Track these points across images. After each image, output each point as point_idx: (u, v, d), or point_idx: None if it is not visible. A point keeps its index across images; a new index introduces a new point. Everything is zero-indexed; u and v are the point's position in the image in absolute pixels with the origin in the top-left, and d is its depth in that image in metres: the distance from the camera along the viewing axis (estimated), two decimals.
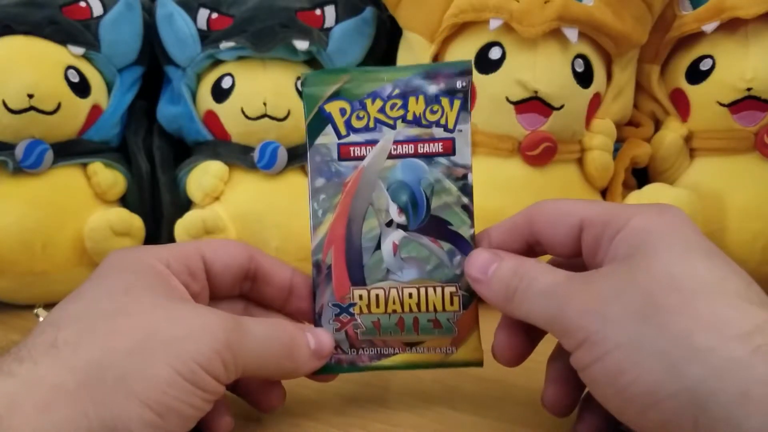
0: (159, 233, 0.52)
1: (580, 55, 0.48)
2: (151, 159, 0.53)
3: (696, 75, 0.50)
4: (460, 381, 0.34)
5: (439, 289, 0.32)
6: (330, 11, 0.52)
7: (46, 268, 0.48)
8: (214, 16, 0.52)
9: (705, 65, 0.49)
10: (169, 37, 0.52)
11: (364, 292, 0.32)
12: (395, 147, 0.32)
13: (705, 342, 0.23)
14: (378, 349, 0.33)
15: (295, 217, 0.49)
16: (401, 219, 0.32)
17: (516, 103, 0.47)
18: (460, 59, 0.45)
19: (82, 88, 0.49)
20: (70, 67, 0.48)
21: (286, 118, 0.50)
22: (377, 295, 0.32)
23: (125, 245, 0.48)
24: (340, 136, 0.32)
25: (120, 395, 0.25)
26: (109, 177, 0.50)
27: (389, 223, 0.32)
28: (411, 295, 0.32)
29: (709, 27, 0.48)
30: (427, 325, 0.32)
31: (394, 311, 0.32)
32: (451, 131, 0.32)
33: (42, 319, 0.29)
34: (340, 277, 0.32)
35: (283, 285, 0.34)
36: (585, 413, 0.31)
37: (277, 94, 0.50)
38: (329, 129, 0.32)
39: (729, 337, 0.23)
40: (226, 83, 0.50)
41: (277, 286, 0.34)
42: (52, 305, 0.30)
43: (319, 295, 0.33)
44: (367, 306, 0.32)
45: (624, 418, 0.26)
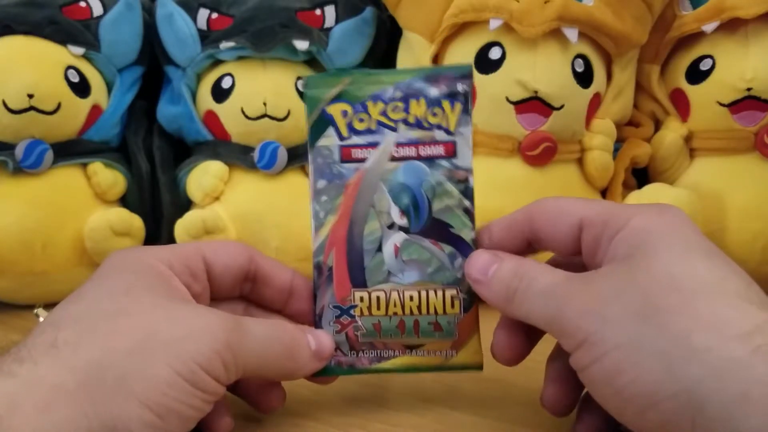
0: (159, 233, 0.52)
1: (580, 55, 0.48)
2: (151, 159, 0.53)
3: (696, 75, 0.50)
4: (460, 381, 0.34)
5: (440, 292, 0.32)
6: (330, 11, 0.52)
7: (46, 268, 0.48)
8: (214, 16, 0.52)
9: (705, 65, 0.49)
10: (169, 37, 0.52)
11: (365, 294, 0.32)
12: (397, 149, 0.32)
13: (704, 342, 0.23)
14: (378, 351, 0.33)
15: (295, 217, 0.49)
16: (403, 221, 0.32)
17: (516, 103, 0.47)
18: (462, 63, 0.45)
19: (82, 88, 0.49)
20: (70, 67, 0.48)
21: (286, 118, 0.50)
22: (378, 297, 0.32)
23: (125, 245, 0.48)
24: (341, 138, 0.32)
25: (120, 396, 0.25)
26: (109, 177, 0.50)
27: (391, 226, 0.32)
28: (412, 298, 0.32)
29: (709, 27, 0.48)
30: (428, 327, 0.32)
31: (395, 314, 0.32)
32: (453, 134, 0.32)
33: (42, 320, 0.29)
34: (341, 278, 0.32)
35: (283, 287, 0.34)
36: (584, 413, 0.31)
37: (277, 94, 0.50)
38: (331, 131, 0.32)
39: (728, 338, 0.23)
40: (226, 83, 0.50)
41: (278, 288, 0.34)
42: (52, 305, 0.30)
43: (320, 297, 0.33)
44: (368, 308, 0.32)
45: (623, 419, 0.26)
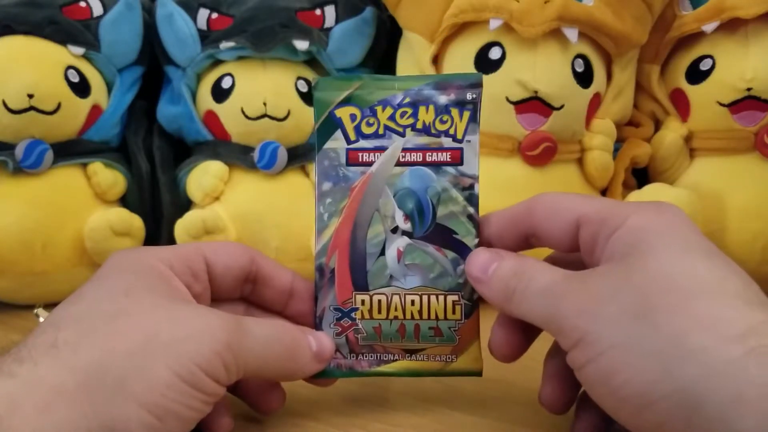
0: (159, 233, 0.52)
1: (580, 55, 0.48)
2: (151, 159, 0.53)
3: (696, 75, 0.50)
4: (460, 381, 0.34)
5: (441, 297, 0.32)
6: (330, 11, 0.52)
7: (46, 268, 0.48)
8: (214, 16, 0.52)
9: (705, 65, 0.49)
10: (169, 37, 0.52)
11: (366, 298, 0.32)
12: (404, 154, 0.32)
13: (699, 342, 0.23)
14: (378, 355, 0.33)
15: (295, 217, 0.49)
16: (407, 226, 0.32)
17: (516, 103, 0.47)
18: (471, 72, 0.45)
19: (82, 88, 0.49)
20: (70, 67, 0.48)
21: (286, 118, 0.50)
22: (379, 301, 0.32)
23: (125, 245, 0.48)
24: (349, 141, 0.32)
25: (119, 397, 0.25)
26: (109, 177, 0.50)
27: (394, 230, 0.32)
28: (413, 302, 0.32)
29: (709, 27, 0.48)
30: (428, 332, 0.32)
31: (396, 317, 0.32)
32: (460, 141, 0.32)
33: (42, 320, 0.29)
34: (343, 281, 0.32)
35: (283, 288, 0.34)
36: (582, 412, 0.31)
37: (277, 94, 0.50)
38: (339, 134, 0.32)
39: (723, 338, 0.23)
40: (226, 83, 0.50)
41: (278, 289, 0.34)
42: (52, 305, 0.30)
43: (321, 299, 0.33)
44: (369, 311, 0.32)
45: (619, 418, 0.26)
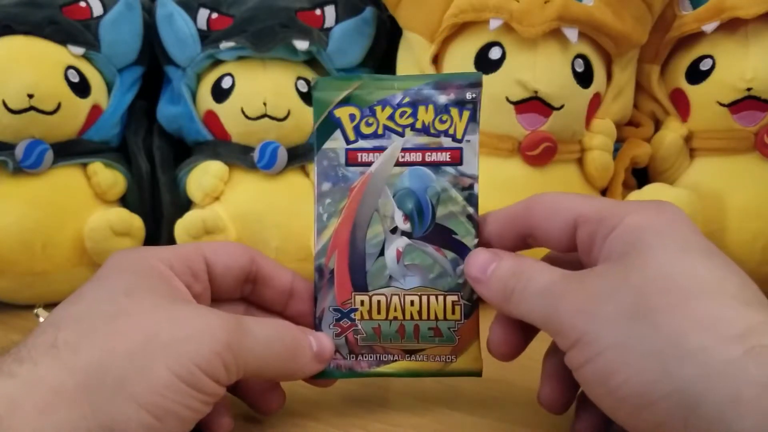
0: (159, 233, 0.52)
1: (580, 55, 0.48)
2: (151, 159, 0.53)
3: (696, 75, 0.50)
4: (460, 381, 0.34)
5: (441, 298, 0.32)
6: (330, 11, 0.52)
7: (46, 268, 0.48)
8: (214, 16, 0.52)
9: (705, 65, 0.49)
10: (169, 37, 0.52)
11: (365, 298, 0.32)
12: (403, 154, 0.32)
13: (697, 343, 0.23)
14: (377, 355, 0.33)
15: (295, 217, 0.49)
16: (406, 226, 0.32)
17: (516, 103, 0.47)
18: (471, 71, 0.45)
19: (82, 88, 0.49)
20: (70, 67, 0.48)
21: (286, 118, 0.50)
22: (379, 302, 0.32)
23: (125, 245, 0.48)
24: (348, 141, 0.32)
25: (118, 397, 0.25)
26: (109, 177, 0.50)
27: (394, 230, 0.32)
28: (413, 303, 0.32)
29: (709, 27, 0.48)
30: (428, 333, 0.32)
31: (395, 318, 0.32)
32: (459, 141, 0.32)
33: (42, 320, 0.29)
34: (342, 282, 0.32)
35: (283, 288, 0.34)
36: (582, 412, 0.31)
37: (277, 94, 0.50)
38: (338, 134, 0.32)
39: (722, 338, 0.23)
40: (226, 83, 0.50)
41: (278, 289, 0.34)
42: (52, 305, 0.30)
43: (321, 300, 0.33)
44: (369, 312, 0.32)
45: (617, 418, 0.26)
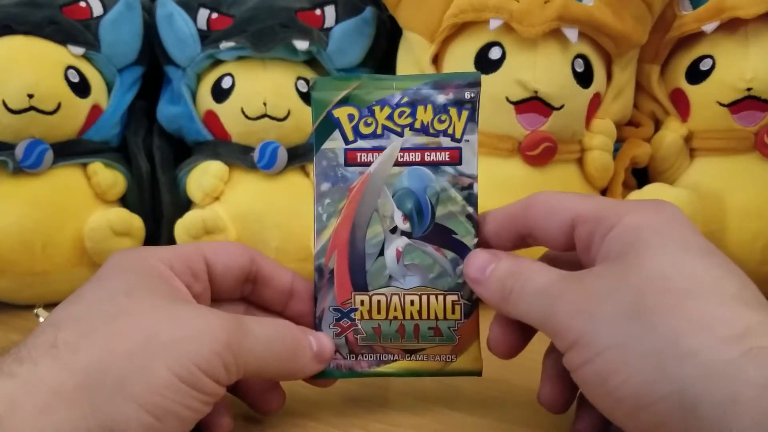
0: (159, 233, 0.52)
1: (580, 55, 0.48)
2: (151, 159, 0.53)
3: (696, 75, 0.50)
4: (460, 381, 0.34)
5: (441, 297, 0.32)
6: (330, 11, 0.52)
7: (46, 268, 0.48)
8: (214, 16, 0.52)
9: (705, 65, 0.49)
10: (169, 37, 0.52)
11: (365, 298, 0.32)
12: (402, 154, 0.32)
13: (695, 343, 0.23)
14: (377, 355, 0.33)
15: (295, 217, 0.49)
16: (406, 226, 0.32)
17: (516, 103, 0.47)
18: (470, 71, 0.45)
19: (82, 88, 0.49)
20: (70, 67, 0.48)
21: (286, 118, 0.50)
22: (379, 301, 0.32)
23: (125, 245, 0.48)
24: (347, 141, 0.32)
25: (118, 397, 0.25)
26: (109, 177, 0.50)
27: (393, 230, 0.32)
28: (413, 303, 0.32)
29: (709, 27, 0.48)
30: (428, 332, 0.32)
31: (395, 318, 0.32)
32: (458, 141, 0.32)
33: (42, 320, 0.29)
34: (342, 282, 0.32)
35: (283, 288, 0.34)
36: (582, 411, 0.31)
37: (277, 94, 0.50)
38: (337, 134, 0.32)
39: (719, 339, 0.23)
40: (226, 83, 0.50)
41: (278, 289, 0.34)
42: (52, 305, 0.30)
43: (321, 300, 0.33)
44: (368, 312, 0.32)
45: (615, 419, 0.26)
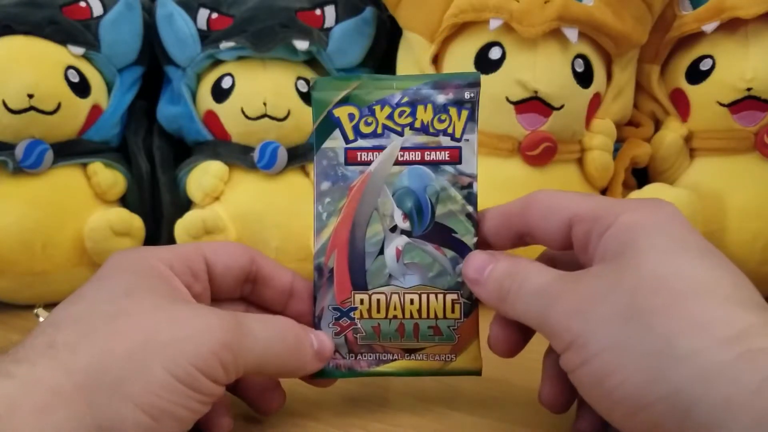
0: (159, 233, 0.52)
1: (580, 55, 0.48)
2: (151, 159, 0.53)
3: (696, 75, 0.50)
4: (460, 381, 0.34)
5: (440, 296, 0.32)
6: (330, 11, 0.52)
7: (46, 268, 0.48)
8: (214, 16, 0.52)
9: (705, 65, 0.49)
10: (169, 37, 0.52)
11: (365, 297, 0.32)
12: (402, 153, 0.32)
13: (690, 345, 0.23)
14: (377, 354, 0.32)
15: (295, 217, 0.49)
16: (405, 225, 0.32)
17: (516, 103, 0.47)
18: (470, 71, 0.45)
19: (82, 88, 0.49)
20: (70, 67, 0.48)
21: (286, 118, 0.50)
22: (378, 300, 0.32)
23: (125, 245, 0.48)
24: (347, 140, 0.32)
25: (115, 398, 0.25)
26: (109, 177, 0.50)
27: (393, 229, 0.32)
28: (412, 302, 0.32)
29: (709, 27, 0.48)
30: (428, 332, 0.32)
31: (395, 317, 0.32)
32: (458, 140, 0.32)
33: (42, 320, 0.29)
34: (341, 280, 0.32)
35: (283, 288, 0.34)
36: (583, 411, 0.30)
37: (277, 94, 0.50)
38: (337, 133, 0.32)
39: (714, 341, 0.23)
40: (226, 83, 0.50)
41: (278, 289, 0.34)
42: (52, 305, 0.30)
43: (320, 299, 0.33)
44: (368, 311, 0.32)
45: (612, 420, 0.26)
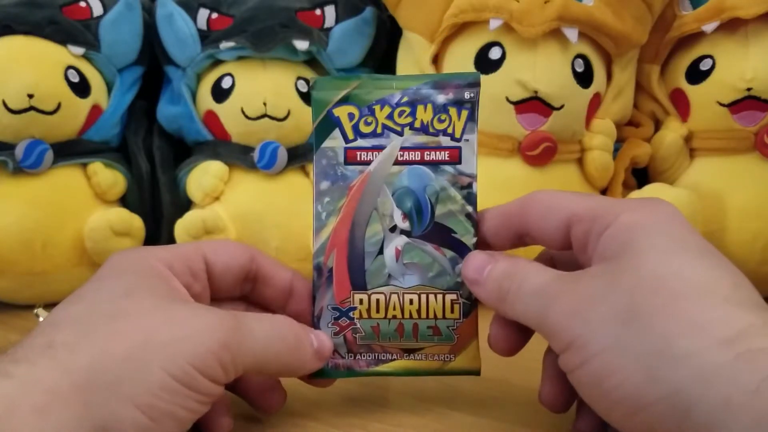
0: (159, 233, 0.52)
1: (580, 55, 0.48)
2: (151, 159, 0.53)
3: (696, 75, 0.50)
4: (460, 381, 0.34)
5: (440, 296, 0.32)
6: (330, 11, 0.52)
7: (46, 268, 0.48)
8: (214, 16, 0.52)
9: (705, 65, 0.49)
10: (169, 37, 0.52)
11: (364, 297, 0.32)
12: (402, 153, 0.32)
13: (687, 347, 0.23)
14: (376, 354, 0.32)
15: (295, 217, 0.49)
16: (405, 225, 0.32)
17: (516, 103, 0.47)
18: (469, 71, 0.45)
19: (82, 88, 0.49)
20: (70, 67, 0.48)
21: (286, 118, 0.50)
22: (378, 300, 0.32)
23: (125, 245, 0.48)
24: (347, 140, 0.32)
25: (113, 399, 0.25)
26: (109, 177, 0.50)
27: (393, 229, 0.32)
28: (412, 302, 0.32)
29: (709, 27, 0.48)
30: (427, 332, 0.32)
31: (394, 317, 0.32)
32: (458, 140, 0.32)
33: (42, 320, 0.29)
34: (341, 280, 0.32)
35: (283, 287, 0.34)
36: (583, 411, 0.30)
37: (277, 94, 0.50)
38: (337, 133, 0.32)
39: (713, 342, 0.23)
40: (226, 83, 0.50)
41: (278, 288, 0.34)
42: (52, 305, 0.30)
43: (319, 298, 0.33)
44: (367, 311, 0.32)
45: (611, 421, 0.26)
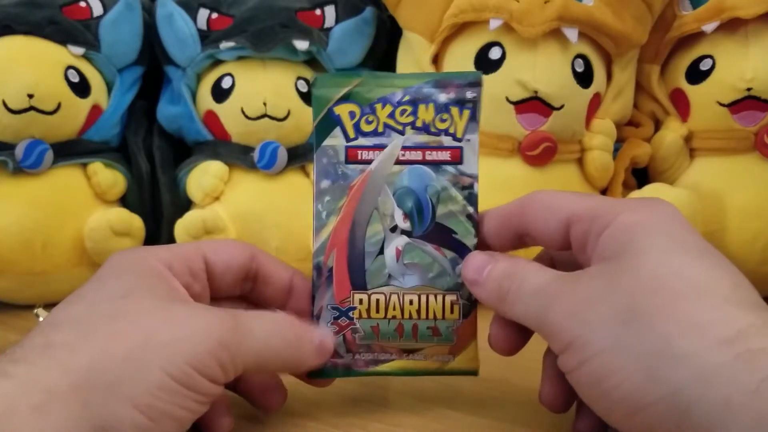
0: (159, 233, 0.52)
1: (580, 55, 0.48)
2: (151, 159, 0.53)
3: (696, 75, 0.50)
4: (460, 381, 0.34)
5: (440, 297, 0.32)
6: (330, 11, 0.52)
7: (46, 268, 0.48)
8: (214, 16, 0.52)
9: (705, 65, 0.49)
10: (169, 37, 0.52)
11: (364, 297, 0.32)
12: (403, 153, 0.32)
13: (686, 347, 0.23)
14: (375, 354, 0.32)
15: (295, 217, 0.49)
16: (406, 225, 0.32)
17: (516, 103, 0.47)
18: (471, 70, 0.45)
19: (82, 88, 0.49)
20: (70, 67, 0.48)
21: (286, 118, 0.50)
22: (378, 300, 0.32)
23: (125, 245, 0.48)
24: (348, 138, 0.32)
25: (112, 399, 0.25)
26: (109, 177, 0.50)
27: (393, 229, 0.32)
28: (411, 302, 0.32)
29: (709, 27, 0.48)
30: (426, 332, 0.32)
31: (394, 317, 0.32)
32: (460, 140, 0.32)
33: (42, 319, 0.29)
34: (341, 280, 0.32)
35: (283, 286, 0.34)
36: (583, 411, 0.30)
37: (277, 94, 0.50)
38: (337, 131, 0.32)
39: (711, 342, 0.23)
40: (226, 83, 0.50)
41: (278, 287, 0.34)
42: (52, 305, 0.30)
43: (319, 298, 0.32)
44: (367, 311, 0.32)
45: (611, 421, 0.26)
